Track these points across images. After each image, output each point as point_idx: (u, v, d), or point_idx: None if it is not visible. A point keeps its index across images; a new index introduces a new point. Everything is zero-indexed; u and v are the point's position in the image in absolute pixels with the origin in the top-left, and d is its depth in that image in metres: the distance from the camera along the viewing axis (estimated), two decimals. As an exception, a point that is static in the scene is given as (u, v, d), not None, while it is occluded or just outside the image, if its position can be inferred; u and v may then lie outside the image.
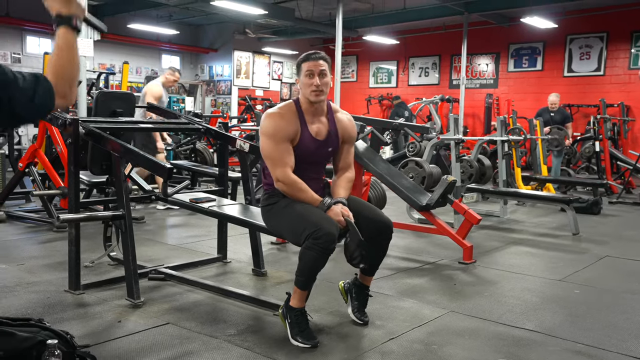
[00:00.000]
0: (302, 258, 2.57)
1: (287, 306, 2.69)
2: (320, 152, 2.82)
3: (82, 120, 3.26)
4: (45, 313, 2.89)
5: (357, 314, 2.90)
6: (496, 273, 4.01)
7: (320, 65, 2.72)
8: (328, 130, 2.83)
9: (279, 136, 2.70)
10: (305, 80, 2.73)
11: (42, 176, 5.53)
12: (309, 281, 2.63)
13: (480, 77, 13.49)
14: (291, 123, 2.74)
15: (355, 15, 12.55)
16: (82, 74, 6.08)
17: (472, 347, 2.66)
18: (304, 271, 2.59)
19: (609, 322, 3.05)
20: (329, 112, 2.87)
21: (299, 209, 2.67)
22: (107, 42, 11.61)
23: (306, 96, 2.75)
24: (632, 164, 8.32)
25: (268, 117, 2.76)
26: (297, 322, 2.64)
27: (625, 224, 6.20)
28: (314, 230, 2.49)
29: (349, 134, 2.92)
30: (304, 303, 2.68)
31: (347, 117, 2.95)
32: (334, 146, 2.87)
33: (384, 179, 4.59)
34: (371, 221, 2.73)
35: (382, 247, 2.81)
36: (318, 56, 2.75)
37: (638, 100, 11.07)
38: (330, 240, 2.49)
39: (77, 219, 3.18)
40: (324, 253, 2.51)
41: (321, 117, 2.83)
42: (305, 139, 2.76)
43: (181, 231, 5.33)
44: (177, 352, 2.50)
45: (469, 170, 6.36)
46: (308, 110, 2.79)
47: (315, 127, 2.80)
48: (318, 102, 2.76)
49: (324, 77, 2.73)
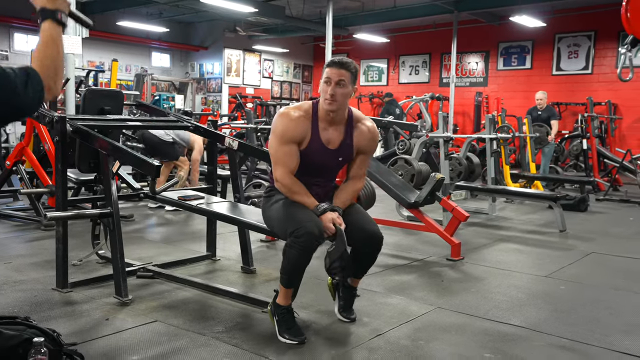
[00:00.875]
0: (285, 256, 2.59)
1: (275, 303, 2.71)
2: (329, 161, 2.75)
3: (69, 118, 3.25)
4: (32, 311, 2.88)
5: (344, 313, 2.91)
6: (483, 270, 4.04)
7: (340, 75, 2.60)
8: (342, 141, 2.72)
9: (286, 137, 2.65)
10: (322, 87, 2.64)
11: (29, 174, 5.49)
12: (293, 279, 2.63)
13: (470, 76, 13.55)
14: (301, 126, 2.66)
15: (346, 13, 12.55)
16: (71, 71, 6.04)
17: (458, 343, 2.68)
18: (286, 269, 2.60)
19: (593, 317, 3.10)
20: (349, 121, 2.74)
21: (288, 207, 2.68)
22: (96, 39, 11.52)
23: (321, 101, 2.67)
24: (619, 161, 8.41)
25: (280, 116, 2.70)
26: (284, 320, 2.66)
27: (611, 221, 6.27)
28: (295, 229, 2.51)
29: (366, 146, 2.79)
30: (290, 301, 2.69)
31: (368, 129, 2.78)
32: (346, 157, 2.78)
33: (374, 176, 4.61)
34: (363, 231, 2.69)
35: (371, 256, 2.80)
36: (341, 63, 2.62)
37: (625, 99, 11.17)
38: (310, 239, 2.49)
39: (64, 216, 3.17)
40: (305, 252, 2.52)
41: (338, 126, 2.71)
42: (314, 145, 2.68)
43: (170, 229, 5.33)
44: (165, 350, 2.51)
45: (458, 167, 6.41)
46: (324, 117, 2.69)
47: (329, 134, 2.70)
48: (331, 111, 2.65)
49: (342, 87, 2.60)
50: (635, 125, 11.13)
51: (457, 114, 13.03)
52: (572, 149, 9.65)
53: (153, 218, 5.78)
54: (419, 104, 12.48)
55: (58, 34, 1.66)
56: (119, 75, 11.41)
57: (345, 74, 2.61)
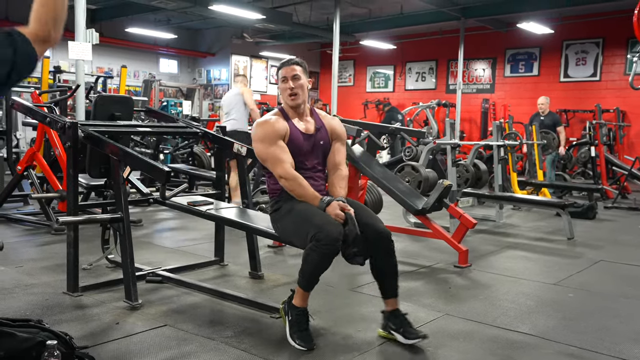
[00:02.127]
0: (306, 260, 2.59)
1: (290, 303, 2.71)
2: (313, 145, 2.91)
3: (81, 124, 3.29)
4: (43, 315, 2.91)
5: (410, 335, 2.67)
6: (491, 277, 4.04)
7: (293, 70, 2.87)
8: (315, 127, 2.95)
9: (270, 138, 2.81)
10: (281, 86, 2.91)
11: (40, 179, 5.54)
12: (312, 282, 2.65)
13: (476, 82, 13.55)
14: (279, 124, 2.85)
15: (353, 20, 12.61)
16: (80, 77, 6.10)
17: (466, 350, 2.69)
18: (306, 272, 2.61)
19: (602, 325, 3.09)
20: (314, 113, 3.01)
21: (302, 212, 2.69)
22: (105, 45, 11.62)
23: (285, 100, 2.91)
24: (628, 169, 8.38)
25: (257, 126, 2.89)
26: (298, 322, 2.65)
27: (620, 229, 6.24)
28: (316, 232, 2.53)
29: (337, 131, 3.02)
30: (307, 303, 2.70)
31: (332, 118, 3.11)
32: (325, 139, 2.96)
33: (381, 183, 4.63)
34: (367, 226, 2.68)
35: (388, 262, 2.71)
36: (291, 62, 2.90)
37: (633, 106, 11.14)
38: (332, 242, 2.51)
39: (75, 221, 3.21)
40: (327, 255, 2.53)
41: (307, 117, 2.97)
42: (295, 134, 2.86)
43: (178, 234, 5.35)
44: (174, 354, 2.53)
45: (465, 174, 6.40)
46: (293, 114, 2.93)
47: (303, 125, 2.93)
48: (296, 105, 2.89)
49: (298, 80, 2.87)
50: (644, 133, 11.09)
51: (463, 121, 13.04)
52: (580, 157, 9.62)
53: (160, 223, 5.82)
54: (425, 110, 12.49)
55: None
56: (127, 81, 11.48)
57: (296, 68, 2.88)
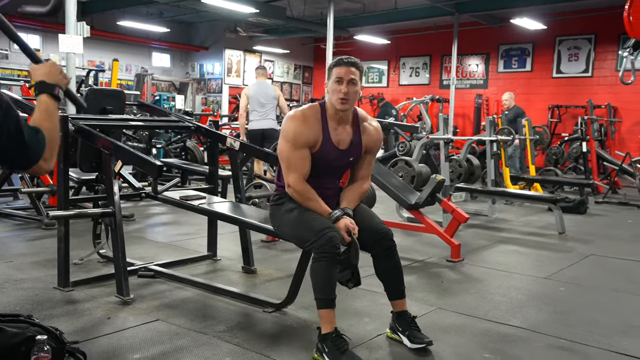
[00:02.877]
0: (313, 274, 2.47)
1: (320, 338, 2.45)
2: (341, 161, 2.72)
3: (71, 117, 3.26)
4: (34, 310, 2.89)
5: (416, 340, 2.59)
6: (483, 271, 4.06)
7: (351, 73, 2.59)
8: (351, 140, 2.70)
9: (299, 142, 2.59)
10: (333, 87, 2.60)
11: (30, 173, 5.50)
12: (329, 295, 2.45)
13: (470, 78, 13.57)
14: (313, 128, 2.62)
15: (347, 14, 12.58)
16: (71, 71, 6.05)
17: (458, 343, 2.70)
18: (319, 287, 2.45)
19: (592, 318, 3.11)
20: (356, 120, 2.74)
21: (302, 217, 2.61)
22: (96, 39, 11.54)
23: (332, 102, 2.63)
24: (619, 164, 8.43)
25: (290, 120, 2.65)
26: (336, 346, 2.39)
27: (610, 224, 6.29)
28: (315, 240, 2.44)
29: (374, 143, 2.79)
30: (335, 323, 2.46)
31: (374, 128, 2.80)
32: (356, 156, 2.75)
33: (374, 177, 4.62)
34: (369, 230, 2.65)
35: (390, 261, 2.68)
36: (350, 62, 2.61)
37: (625, 102, 11.20)
38: (333, 244, 2.42)
39: (66, 215, 3.19)
40: (331, 259, 2.42)
41: (346, 126, 2.70)
42: (326, 147, 2.64)
43: (171, 229, 5.34)
44: (166, 348, 2.52)
45: (458, 169, 6.42)
46: (333, 117, 2.66)
47: (339, 135, 2.68)
48: (344, 111, 2.64)
49: (354, 85, 2.59)
50: (635, 129, 11.16)
51: (457, 116, 13.05)
52: (571, 152, 9.68)
53: (152, 217, 5.79)
54: (419, 105, 12.50)
55: (54, 109, 1.64)
56: (119, 75, 11.41)
57: (355, 72, 2.61)
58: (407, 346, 2.60)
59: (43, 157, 1.58)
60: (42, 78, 1.63)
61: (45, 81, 1.63)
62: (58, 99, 1.66)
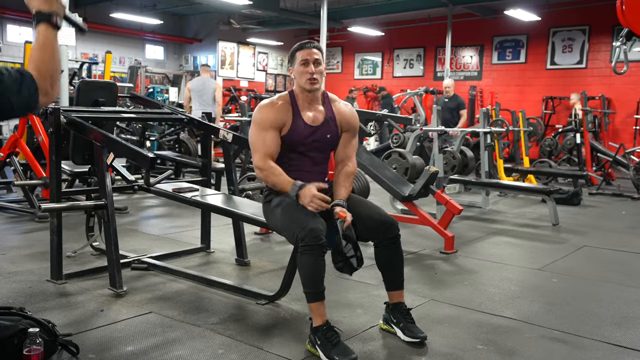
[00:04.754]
0: (300, 268, 2.45)
1: (312, 330, 2.45)
2: (317, 138, 2.71)
3: (63, 110, 3.23)
4: (27, 302, 2.88)
5: (410, 333, 2.59)
6: (477, 262, 4.07)
7: (315, 54, 2.68)
8: (325, 117, 2.75)
9: (265, 124, 2.66)
10: (300, 69, 2.68)
11: (23, 166, 5.47)
12: (317, 288, 2.43)
13: (464, 69, 13.57)
14: (281, 112, 2.68)
15: (340, 6, 12.53)
16: (64, 63, 6.01)
17: (451, 335, 2.71)
18: (307, 281, 2.43)
19: (584, 309, 3.13)
20: (326, 101, 2.80)
21: (288, 208, 2.58)
22: (89, 31, 11.38)
23: (301, 85, 2.70)
24: (612, 155, 8.46)
25: (259, 107, 2.74)
26: (327, 338, 2.39)
27: (604, 215, 6.32)
28: (299, 232, 2.41)
29: (349, 121, 2.81)
30: (325, 316, 2.45)
31: (345, 105, 2.87)
32: (333, 133, 2.76)
33: (368, 170, 4.63)
34: (372, 219, 2.62)
35: (393, 251, 2.69)
36: (312, 45, 2.71)
37: (619, 93, 11.24)
38: (316, 235, 2.37)
39: (58, 208, 3.17)
40: (316, 251, 2.37)
41: (317, 106, 2.76)
42: (298, 127, 2.68)
43: (164, 221, 5.32)
44: (159, 341, 2.52)
45: (452, 161, 6.43)
46: (303, 100, 2.73)
47: (311, 114, 2.72)
48: (313, 91, 2.70)
49: (319, 65, 2.69)
50: (629, 120, 11.21)
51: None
52: (565, 143, 9.69)
53: (146, 210, 5.78)
54: (413, 97, 12.49)
55: (53, 37, 1.64)
56: (112, 67, 11.33)
57: (318, 53, 2.71)
58: (401, 338, 2.60)
59: (41, 92, 1.58)
60: (38, 8, 1.63)
61: (42, 10, 1.63)
62: (57, 27, 1.66)
